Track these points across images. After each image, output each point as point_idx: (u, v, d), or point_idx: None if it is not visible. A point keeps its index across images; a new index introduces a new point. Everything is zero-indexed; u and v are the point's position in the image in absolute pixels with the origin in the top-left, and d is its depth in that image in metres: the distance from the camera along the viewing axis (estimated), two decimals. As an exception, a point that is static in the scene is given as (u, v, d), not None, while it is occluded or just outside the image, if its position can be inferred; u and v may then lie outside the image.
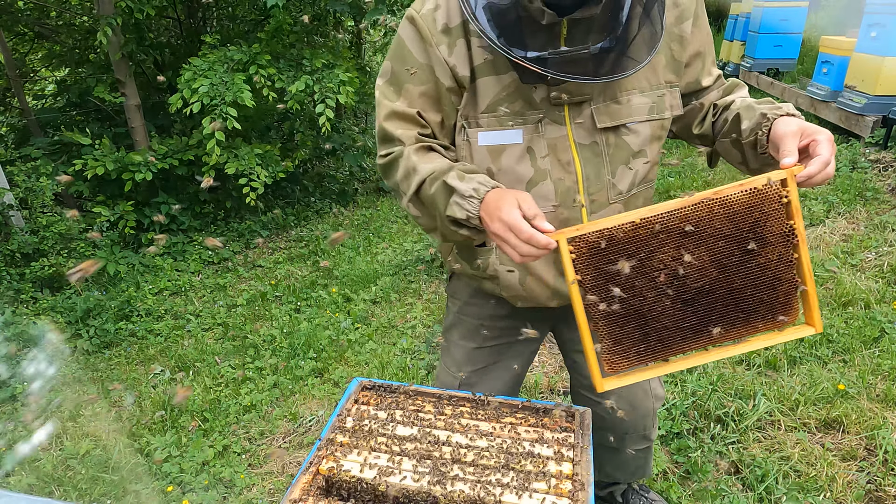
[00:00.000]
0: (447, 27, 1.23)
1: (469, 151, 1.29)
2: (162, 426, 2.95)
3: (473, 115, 1.27)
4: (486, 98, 1.25)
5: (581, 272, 1.10)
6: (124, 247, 5.29)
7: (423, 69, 1.26)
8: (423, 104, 1.28)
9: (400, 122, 1.29)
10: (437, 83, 1.26)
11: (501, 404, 1.64)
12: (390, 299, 4.12)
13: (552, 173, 1.27)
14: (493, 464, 1.42)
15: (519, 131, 1.25)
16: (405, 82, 1.28)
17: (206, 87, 4.69)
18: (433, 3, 1.25)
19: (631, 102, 1.26)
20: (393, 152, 1.29)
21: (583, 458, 1.46)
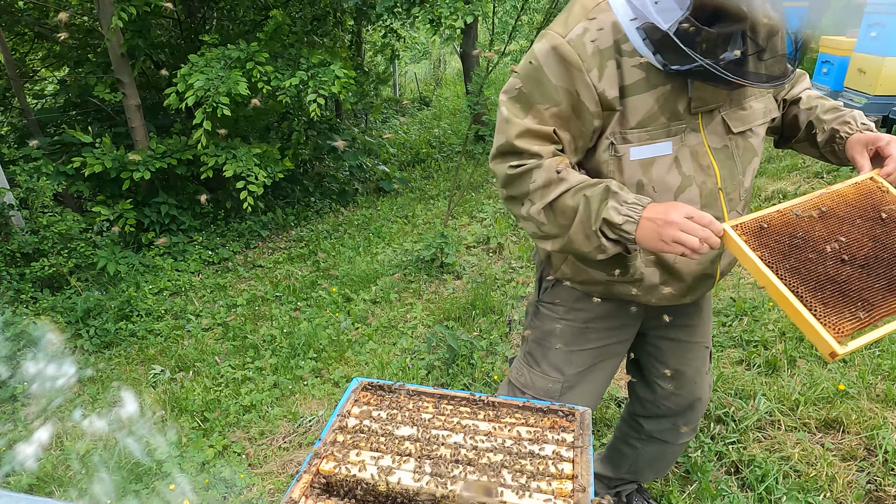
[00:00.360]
0: (598, 50, 1.25)
1: (617, 166, 1.33)
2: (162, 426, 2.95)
3: (622, 131, 1.31)
4: (636, 115, 1.29)
5: (757, 250, 1.21)
6: (125, 247, 5.29)
7: (561, 93, 1.28)
8: (554, 124, 1.31)
9: (534, 139, 1.33)
10: (575, 107, 1.29)
11: (501, 404, 1.64)
12: (390, 299, 4.12)
13: (696, 178, 1.35)
14: (493, 463, 1.42)
15: (668, 143, 1.31)
16: (536, 103, 1.31)
17: (201, 82, 4.69)
18: (581, 28, 1.26)
19: (752, 108, 1.39)
20: (527, 164, 1.33)
21: (583, 458, 1.46)
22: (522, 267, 4.32)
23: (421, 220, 5.83)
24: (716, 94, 1.30)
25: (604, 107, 1.28)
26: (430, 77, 15.13)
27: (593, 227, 1.27)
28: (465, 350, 3.09)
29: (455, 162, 7.17)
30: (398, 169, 8.02)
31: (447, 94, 13.28)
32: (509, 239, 4.83)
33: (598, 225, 1.26)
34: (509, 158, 1.37)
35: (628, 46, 1.24)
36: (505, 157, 1.38)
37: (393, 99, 11.95)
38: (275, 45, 5.40)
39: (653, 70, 1.25)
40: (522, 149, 1.33)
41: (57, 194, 5.27)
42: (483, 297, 3.76)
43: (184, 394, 3.19)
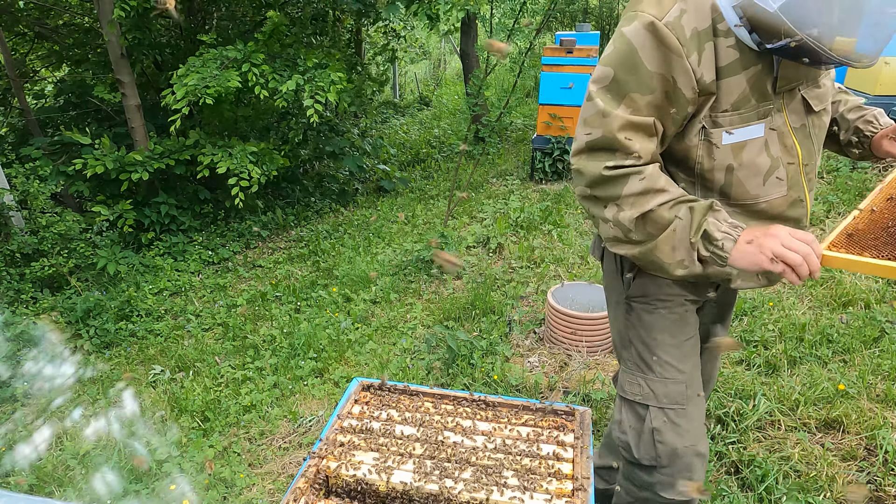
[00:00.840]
0: (696, 32, 1.20)
1: (707, 151, 1.30)
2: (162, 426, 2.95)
3: (714, 115, 1.27)
4: (730, 97, 1.25)
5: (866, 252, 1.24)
6: (125, 247, 5.29)
7: (657, 79, 1.22)
8: (648, 114, 1.25)
9: (636, 132, 1.26)
10: (669, 94, 1.23)
11: (501, 404, 1.64)
12: (390, 299, 4.12)
13: (783, 159, 1.33)
14: (493, 463, 1.42)
15: (761, 125, 1.28)
16: (630, 91, 1.24)
17: (195, 81, 4.69)
18: (678, 9, 1.20)
19: (825, 85, 1.38)
20: (626, 167, 1.26)
21: (583, 458, 1.46)
22: (522, 267, 4.32)
23: (421, 220, 5.83)
24: (797, 72, 1.27)
25: (700, 92, 1.24)
26: (430, 77, 15.13)
27: (691, 238, 1.23)
28: (465, 350, 3.09)
29: (455, 162, 7.17)
30: (398, 169, 8.03)
31: (446, 95, 13.29)
32: (509, 239, 4.83)
33: (698, 236, 1.22)
34: (603, 156, 1.28)
35: (724, 26, 1.20)
36: (597, 154, 1.29)
37: (390, 101, 11.95)
38: (273, 46, 5.40)
39: (745, 50, 1.21)
40: (623, 144, 1.25)
41: (57, 194, 5.27)
42: (483, 297, 3.76)
43: (184, 394, 3.19)
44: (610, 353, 3.13)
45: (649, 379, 1.50)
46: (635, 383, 1.53)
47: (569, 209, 5.39)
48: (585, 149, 1.31)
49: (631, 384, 1.54)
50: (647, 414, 1.50)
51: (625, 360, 1.58)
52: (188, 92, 4.67)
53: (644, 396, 1.51)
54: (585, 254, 4.36)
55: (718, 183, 1.32)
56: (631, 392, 1.54)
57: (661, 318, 1.49)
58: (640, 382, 1.52)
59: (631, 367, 1.55)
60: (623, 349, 1.58)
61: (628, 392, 1.55)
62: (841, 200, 4.14)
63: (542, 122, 6.00)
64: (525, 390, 2.85)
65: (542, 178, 6.25)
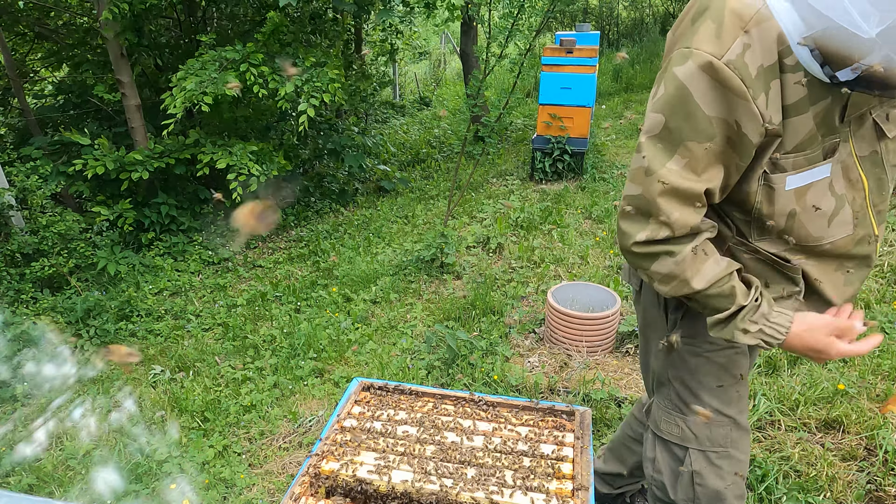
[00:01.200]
0: (762, 70, 1.04)
1: (767, 197, 1.16)
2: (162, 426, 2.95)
3: (776, 158, 1.13)
4: (795, 138, 1.11)
5: None
6: (125, 247, 5.29)
7: (716, 125, 1.08)
8: (706, 164, 1.11)
9: (679, 202, 1.13)
10: (732, 140, 1.09)
11: (502, 404, 1.64)
12: (390, 299, 4.12)
13: (847, 196, 1.18)
14: (493, 463, 1.42)
15: (826, 165, 1.14)
16: (686, 140, 1.10)
17: (193, 84, 4.70)
18: (740, 45, 1.03)
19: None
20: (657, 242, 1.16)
21: (583, 457, 1.47)
22: (522, 267, 4.32)
23: (421, 220, 5.83)
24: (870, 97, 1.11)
25: (767, 134, 1.09)
26: (430, 77, 15.14)
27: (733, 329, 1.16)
28: (465, 350, 3.09)
29: (455, 162, 7.17)
30: (398, 169, 8.03)
31: (446, 95, 13.29)
32: (509, 239, 4.83)
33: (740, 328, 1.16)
34: (638, 223, 1.17)
35: (791, 60, 1.04)
36: (635, 218, 1.18)
37: (389, 102, 11.95)
38: (273, 46, 5.41)
39: (815, 84, 1.06)
40: (660, 212, 1.13)
41: (57, 194, 5.27)
42: (483, 297, 3.76)
43: (184, 394, 3.19)
44: (610, 353, 3.14)
45: (689, 421, 1.40)
46: (673, 423, 1.43)
47: (569, 209, 5.39)
48: (627, 205, 1.19)
49: (668, 423, 1.44)
50: (685, 456, 1.41)
51: (661, 398, 1.47)
52: (185, 98, 4.68)
53: (683, 438, 1.41)
54: (585, 254, 4.37)
55: (777, 227, 1.20)
56: (668, 432, 1.44)
57: (707, 361, 1.36)
58: (678, 423, 1.42)
59: (668, 407, 1.44)
60: (660, 386, 1.48)
61: (664, 431, 1.45)
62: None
63: (542, 122, 6.00)
64: (525, 390, 2.85)
65: (542, 178, 6.25)
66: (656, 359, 1.47)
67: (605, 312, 3.04)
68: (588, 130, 6.04)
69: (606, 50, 13.52)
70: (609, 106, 9.68)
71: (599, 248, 4.50)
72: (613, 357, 3.10)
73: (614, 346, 3.17)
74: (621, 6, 15.35)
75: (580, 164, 6.15)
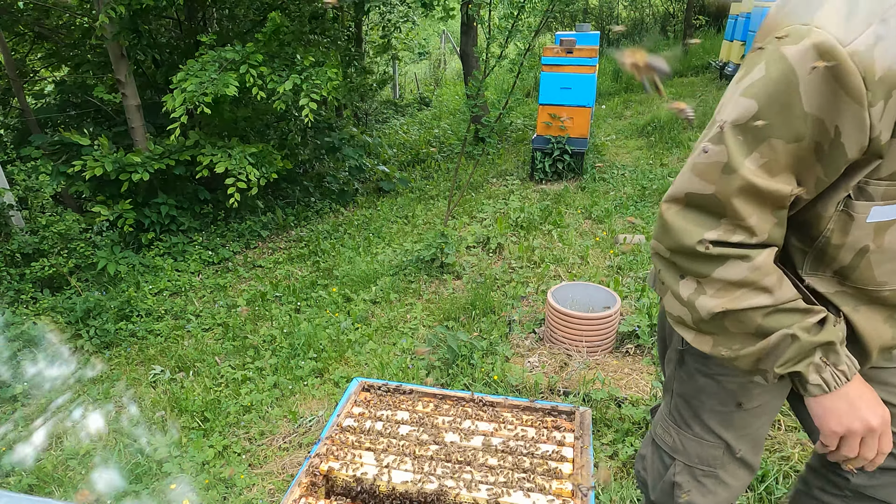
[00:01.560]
0: (890, 72, 0.83)
1: (842, 226, 0.98)
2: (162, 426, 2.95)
3: (865, 184, 0.94)
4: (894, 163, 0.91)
5: None
6: (125, 247, 5.29)
7: (811, 124, 0.89)
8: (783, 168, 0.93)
9: (759, 203, 0.95)
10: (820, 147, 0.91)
11: (502, 404, 1.64)
12: (390, 299, 4.13)
13: None
14: (493, 464, 1.42)
15: None
16: (771, 136, 0.91)
17: (193, 86, 4.70)
18: (872, 35, 0.83)
19: None
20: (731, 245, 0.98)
21: (583, 457, 1.47)
22: (522, 267, 4.33)
23: (421, 220, 5.84)
24: None
25: (869, 153, 0.90)
26: (430, 77, 15.14)
27: (776, 368, 1.01)
28: (465, 350, 3.09)
29: (455, 162, 7.17)
30: (398, 169, 8.03)
31: (446, 95, 13.29)
32: (509, 239, 4.83)
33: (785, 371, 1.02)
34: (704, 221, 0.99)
35: None
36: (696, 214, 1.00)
37: (390, 101, 11.96)
38: (272, 46, 5.41)
39: None
40: (735, 214, 0.95)
41: (57, 194, 5.27)
42: (483, 298, 3.76)
43: (184, 394, 3.19)
44: (610, 353, 3.14)
45: (684, 434, 1.33)
46: (668, 432, 1.37)
47: (569, 209, 5.39)
48: (683, 200, 1.01)
49: (664, 430, 1.38)
50: (672, 465, 1.35)
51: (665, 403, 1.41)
52: (186, 99, 4.69)
53: (673, 449, 1.35)
54: (585, 254, 4.37)
55: (840, 263, 1.02)
56: (661, 437, 1.39)
57: (716, 384, 1.25)
58: (673, 434, 1.35)
59: (670, 415, 1.37)
60: (665, 392, 1.41)
61: (658, 435, 1.39)
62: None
63: (542, 123, 6.00)
64: (525, 390, 2.85)
65: (542, 178, 6.25)
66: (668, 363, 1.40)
67: (605, 312, 3.04)
68: (588, 130, 6.05)
69: (606, 50, 13.53)
70: (609, 106, 9.68)
71: (599, 248, 4.50)
72: (613, 357, 3.10)
73: (614, 346, 3.17)
74: (621, 6, 15.36)
75: (580, 164, 6.15)
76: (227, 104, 5.57)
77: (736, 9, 8.39)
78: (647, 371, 2.95)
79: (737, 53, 8.21)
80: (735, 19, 8.39)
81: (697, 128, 7.09)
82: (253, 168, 5.25)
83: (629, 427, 2.51)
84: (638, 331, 3.13)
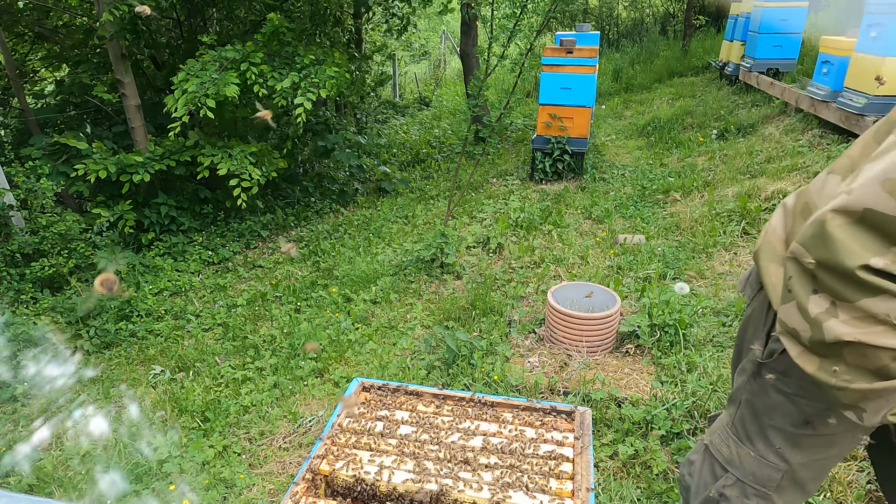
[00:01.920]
0: None
1: None
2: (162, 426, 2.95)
3: None
4: None
5: None
6: (125, 247, 5.29)
7: None
8: None
9: None
10: None
11: (502, 405, 1.64)
12: (390, 299, 4.13)
13: None
14: (493, 464, 1.42)
15: None
16: None
17: (194, 87, 4.70)
18: None
19: None
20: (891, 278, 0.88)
21: (583, 458, 1.47)
22: (522, 267, 4.32)
23: (421, 220, 5.84)
24: None
25: None
26: (430, 77, 15.15)
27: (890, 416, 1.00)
28: (465, 350, 3.09)
29: (455, 162, 7.17)
30: (398, 169, 8.03)
31: (446, 95, 13.29)
32: (509, 239, 4.83)
33: None
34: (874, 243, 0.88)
35: None
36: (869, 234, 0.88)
37: (390, 101, 11.96)
38: (272, 45, 5.41)
39: None
40: None
41: (57, 194, 5.27)
42: (483, 297, 3.76)
43: (184, 394, 3.19)
44: (610, 353, 3.14)
45: (743, 450, 1.26)
46: (726, 443, 1.30)
47: (569, 209, 5.39)
48: (858, 215, 0.89)
49: (722, 440, 1.31)
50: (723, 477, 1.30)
51: (728, 413, 1.34)
52: (188, 101, 4.69)
53: (728, 461, 1.29)
54: (585, 254, 4.37)
55: None
56: (716, 447, 1.32)
57: (791, 404, 1.18)
58: (732, 447, 1.29)
59: (728, 425, 1.31)
60: (731, 401, 1.34)
61: (714, 444, 1.33)
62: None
63: (542, 123, 6.00)
64: (525, 390, 2.85)
65: (542, 178, 6.25)
66: (739, 375, 1.31)
67: (605, 312, 3.04)
68: (588, 130, 6.05)
69: (606, 50, 13.52)
70: (609, 106, 9.68)
71: (599, 248, 4.50)
72: (613, 357, 3.10)
73: (614, 346, 3.17)
74: (621, 6, 15.35)
75: (580, 164, 6.15)
76: (229, 106, 5.57)
77: (736, 9, 8.39)
78: (647, 371, 2.95)
79: (737, 53, 8.21)
80: (735, 19, 8.39)
81: (698, 127, 7.09)
82: (254, 168, 5.26)
83: (629, 427, 2.50)
84: (638, 331, 3.13)
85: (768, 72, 7.39)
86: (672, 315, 3.12)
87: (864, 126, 4.79)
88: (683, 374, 2.82)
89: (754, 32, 7.47)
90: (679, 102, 8.46)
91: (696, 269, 3.93)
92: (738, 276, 3.73)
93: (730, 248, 4.16)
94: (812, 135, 5.58)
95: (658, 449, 2.38)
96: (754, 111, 6.92)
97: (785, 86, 6.52)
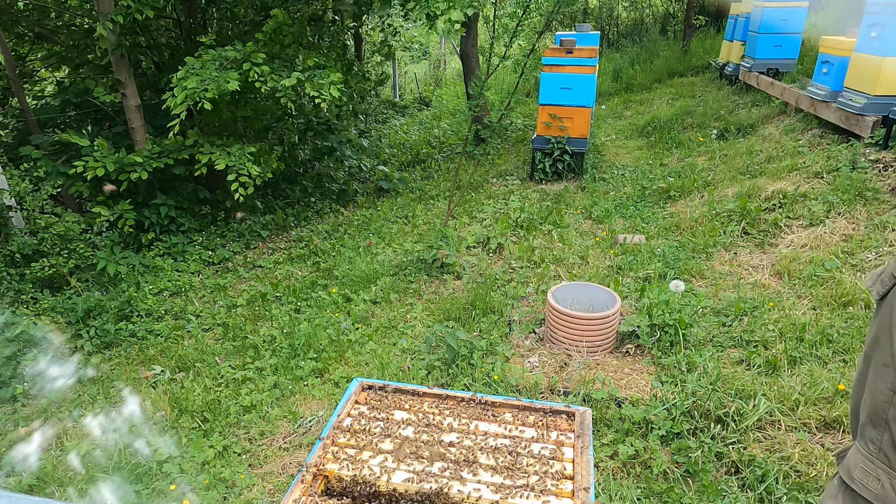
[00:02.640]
0: None
1: None
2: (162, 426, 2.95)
3: None
4: None
5: None
6: (124, 247, 5.29)
7: None
8: None
9: None
10: None
11: (502, 405, 1.64)
12: (390, 299, 4.13)
13: None
14: (493, 464, 1.42)
15: None
16: None
17: (194, 84, 4.70)
18: None
19: None
20: None
21: (583, 458, 1.47)
22: (522, 267, 4.32)
23: (421, 220, 5.84)
24: None
25: None
26: (430, 77, 15.15)
27: None
28: (465, 350, 3.09)
29: (455, 162, 7.17)
30: (398, 169, 8.03)
31: (446, 95, 13.29)
32: (509, 239, 4.83)
33: None
34: None
35: None
36: None
37: (390, 101, 11.97)
38: (273, 46, 5.41)
39: None
40: None
41: (57, 194, 5.27)
42: (483, 297, 3.76)
43: (184, 394, 3.19)
44: (610, 353, 3.13)
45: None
46: (873, 475, 1.13)
47: (569, 209, 5.39)
48: None
49: (866, 473, 1.14)
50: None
51: (867, 440, 1.16)
52: (187, 96, 4.68)
53: (882, 498, 1.11)
54: (585, 254, 4.37)
55: None
56: (862, 483, 1.14)
57: None
58: (881, 477, 1.12)
59: (874, 453, 1.14)
60: (871, 427, 1.15)
61: (858, 480, 1.15)
62: (841, 200, 4.14)
63: (542, 123, 6.00)
64: (525, 390, 2.85)
65: (542, 178, 6.25)
66: (877, 389, 1.15)
67: (605, 312, 3.04)
68: (588, 130, 6.05)
69: (606, 50, 13.52)
70: (609, 106, 9.68)
71: (599, 248, 4.50)
72: (613, 357, 3.10)
73: (614, 346, 3.17)
74: (621, 6, 15.35)
75: (580, 164, 6.15)
76: (224, 104, 5.56)
77: (736, 9, 8.39)
78: (647, 371, 2.95)
79: (737, 53, 8.21)
80: (735, 19, 8.39)
81: (697, 127, 7.09)
82: (253, 165, 5.25)
83: (629, 427, 2.51)
84: (638, 331, 3.13)
85: (768, 72, 7.39)
86: (672, 315, 3.12)
87: (864, 126, 4.80)
88: (683, 373, 2.82)
89: (754, 32, 7.47)
90: (679, 102, 8.46)
91: (696, 269, 3.93)
92: (738, 276, 3.73)
93: (730, 248, 4.16)
94: (812, 135, 5.57)
95: (658, 449, 2.38)
96: (754, 111, 6.92)
97: (785, 86, 6.52)
